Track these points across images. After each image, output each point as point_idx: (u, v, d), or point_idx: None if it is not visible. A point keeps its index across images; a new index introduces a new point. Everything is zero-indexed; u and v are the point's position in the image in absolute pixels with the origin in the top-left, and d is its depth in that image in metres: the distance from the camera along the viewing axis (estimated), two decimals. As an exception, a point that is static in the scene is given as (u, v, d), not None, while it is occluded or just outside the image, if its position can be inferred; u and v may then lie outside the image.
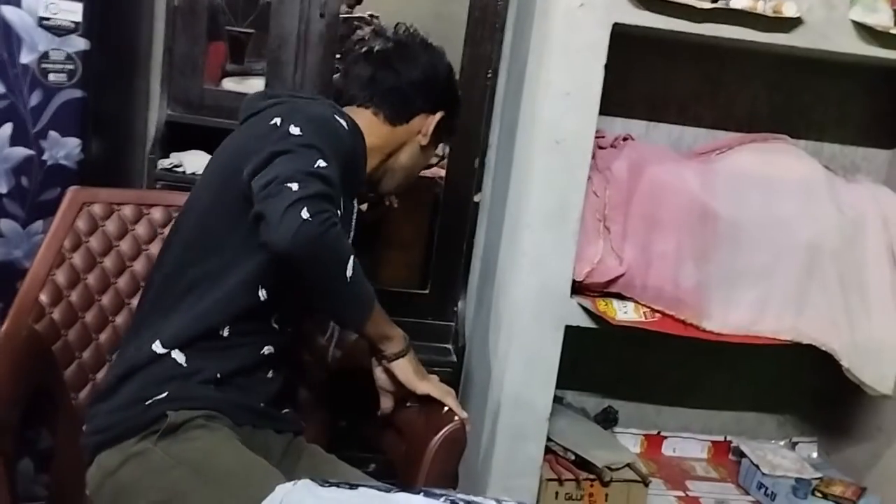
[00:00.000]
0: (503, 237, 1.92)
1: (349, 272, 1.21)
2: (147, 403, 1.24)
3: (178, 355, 1.27)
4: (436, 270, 2.09)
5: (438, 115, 1.52)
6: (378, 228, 2.29)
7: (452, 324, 2.09)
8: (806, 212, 1.83)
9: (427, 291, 2.10)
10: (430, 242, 2.12)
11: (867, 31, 1.71)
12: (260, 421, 1.35)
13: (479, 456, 1.90)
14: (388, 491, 1.02)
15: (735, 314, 1.82)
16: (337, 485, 1.04)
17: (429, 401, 1.39)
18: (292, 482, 1.03)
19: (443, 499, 1.00)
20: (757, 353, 1.91)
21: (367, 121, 1.46)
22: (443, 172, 2.12)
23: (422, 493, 1.01)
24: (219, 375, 1.29)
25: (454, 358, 2.05)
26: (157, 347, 1.27)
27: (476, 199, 2.07)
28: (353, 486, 1.04)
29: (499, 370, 1.86)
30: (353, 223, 1.44)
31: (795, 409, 2.32)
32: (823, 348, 1.82)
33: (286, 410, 1.43)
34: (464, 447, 1.33)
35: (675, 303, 1.80)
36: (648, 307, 1.81)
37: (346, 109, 1.45)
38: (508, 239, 1.87)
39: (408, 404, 1.37)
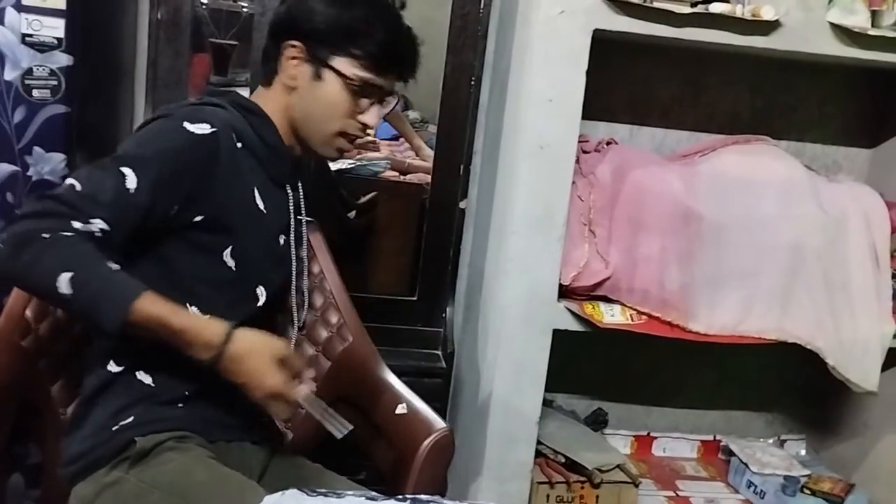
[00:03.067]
0: (489, 243, 1.93)
1: (63, 290, 1.09)
2: (114, 430, 1.24)
3: (143, 376, 1.27)
4: (423, 276, 2.10)
5: (293, 51, 1.34)
6: (366, 235, 2.31)
7: (441, 330, 2.10)
8: (789, 212, 1.85)
9: (415, 298, 2.10)
10: (418, 249, 2.13)
11: (845, 33, 1.73)
12: (233, 434, 1.35)
13: (470, 460, 1.91)
14: (374, 500, 1.03)
15: (720, 315, 1.84)
16: (325, 494, 1.05)
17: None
18: (280, 493, 1.04)
19: None
20: (744, 352, 1.92)
21: (263, 98, 1.38)
22: (428, 178, 2.13)
23: (409, 502, 1.02)
24: (186, 393, 1.28)
25: (443, 364, 2.05)
26: (112, 367, 1.27)
27: (462, 205, 2.08)
28: (339, 496, 1.05)
29: (488, 375, 1.87)
30: (294, 209, 1.42)
31: (783, 407, 2.34)
32: (809, 347, 1.84)
33: (264, 418, 1.40)
34: (452, 454, 1.34)
35: (660, 304, 1.82)
36: (635, 309, 1.82)
37: (260, 97, 1.39)
38: (495, 244, 1.88)
39: (396, 411, 1.37)
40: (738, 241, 1.83)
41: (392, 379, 1.46)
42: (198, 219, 1.25)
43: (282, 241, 1.41)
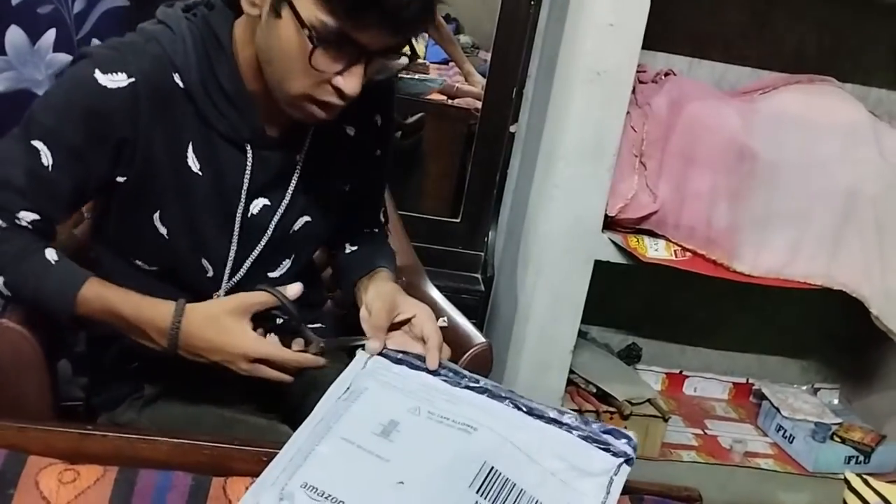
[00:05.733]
0: (537, 169, 1.91)
1: (5, 292, 1.04)
2: (126, 371, 1.21)
3: None
4: (468, 199, 2.09)
5: None
6: (412, 156, 2.30)
7: (482, 253, 2.10)
8: (847, 156, 1.80)
9: (458, 220, 2.10)
10: (463, 171, 2.12)
11: (924, -28, 1.66)
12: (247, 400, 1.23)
13: (502, 384, 1.92)
14: (455, 385, 1.02)
15: (767, 257, 1.81)
16: (410, 363, 1.05)
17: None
18: (363, 359, 1.04)
19: (507, 401, 1.01)
20: (784, 296, 1.90)
21: (240, 25, 1.07)
22: (477, 104, 2.10)
23: (487, 394, 1.02)
24: None
25: (482, 287, 2.06)
26: None
27: (512, 129, 2.05)
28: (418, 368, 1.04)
29: (525, 302, 1.87)
30: (251, 172, 1.12)
31: (819, 355, 2.32)
32: (854, 294, 1.81)
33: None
34: (490, 368, 1.35)
35: (706, 242, 1.79)
36: (679, 246, 1.81)
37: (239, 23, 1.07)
38: (542, 171, 1.86)
39: (437, 324, 1.31)
40: (791, 182, 1.80)
41: (435, 294, 1.46)
42: (120, 180, 1.07)
43: (253, 210, 1.14)
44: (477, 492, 0.86)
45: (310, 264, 1.30)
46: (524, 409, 0.98)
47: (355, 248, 1.30)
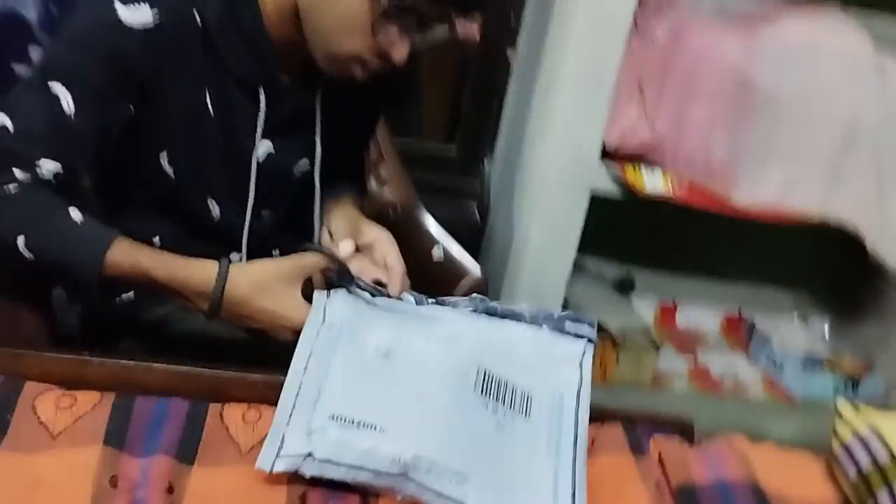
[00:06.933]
0: (534, 96, 1.88)
1: (25, 255, 0.95)
2: (116, 303, 1.19)
3: None
4: (463, 127, 2.06)
5: None
6: (406, 82, 2.26)
7: (477, 182, 2.08)
8: (848, 87, 1.77)
9: (453, 148, 2.07)
10: (458, 98, 2.08)
11: None
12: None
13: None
14: (492, 313, 1.03)
15: (765, 189, 1.80)
16: (371, 291, 1.04)
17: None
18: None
19: (474, 310, 1.02)
20: (779, 228, 1.90)
21: None
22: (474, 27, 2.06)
23: (453, 307, 1.03)
24: None
25: (477, 217, 2.05)
26: None
27: (509, 55, 2.01)
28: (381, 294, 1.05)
29: (521, 232, 1.87)
30: (265, 116, 1.10)
31: (811, 287, 2.33)
32: (850, 227, 1.81)
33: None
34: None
35: (705, 173, 1.78)
36: (677, 177, 1.79)
37: None
38: (540, 99, 1.84)
39: (433, 257, 1.34)
40: (791, 113, 1.77)
41: (432, 225, 1.46)
42: (133, 118, 1.04)
43: (254, 155, 1.13)
44: (482, 394, 0.91)
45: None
46: (493, 313, 1.02)
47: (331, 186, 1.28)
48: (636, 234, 2.20)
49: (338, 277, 1.01)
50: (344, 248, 1.05)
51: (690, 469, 0.89)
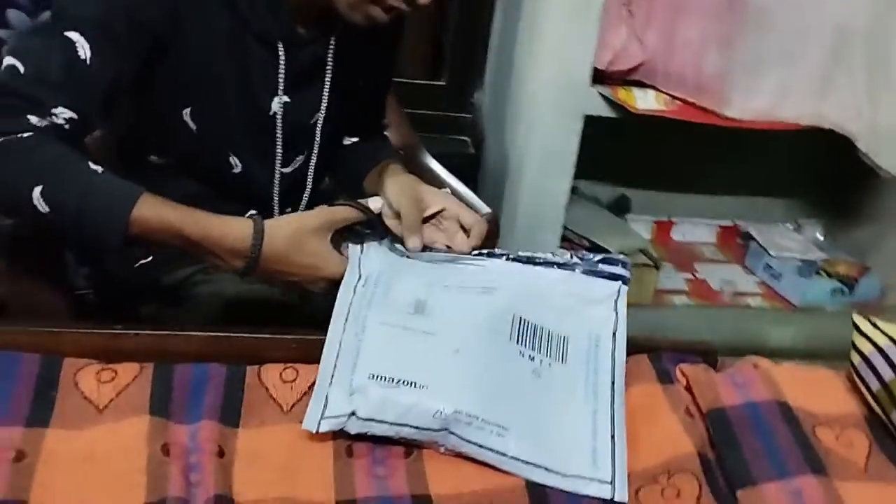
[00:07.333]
0: (521, 24, 1.86)
1: (41, 208, 0.88)
2: (135, 268, 1.18)
3: None
4: (452, 60, 2.04)
5: None
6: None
7: (470, 115, 2.07)
8: (838, -9, 1.77)
9: (443, 82, 2.06)
10: (445, 31, 2.05)
11: None
12: None
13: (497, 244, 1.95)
14: (525, 261, 1.03)
15: (757, 100, 1.81)
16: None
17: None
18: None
19: (505, 257, 1.03)
20: (771, 138, 1.91)
21: None
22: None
23: (487, 257, 1.03)
24: None
25: (472, 149, 2.05)
26: None
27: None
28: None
29: (517, 161, 1.87)
30: (284, 70, 1.10)
31: (803, 193, 2.36)
32: (842, 132, 1.83)
33: None
34: (496, 238, 1.36)
35: (696, 89, 1.79)
36: (669, 95, 1.80)
37: None
38: (527, 26, 1.82)
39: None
40: (781, 23, 1.77)
41: (435, 166, 1.46)
42: (152, 72, 1.02)
43: (272, 109, 1.12)
44: (517, 343, 0.92)
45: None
46: (525, 260, 1.02)
47: (356, 139, 1.29)
48: (629, 154, 2.20)
49: (370, 231, 1.02)
50: (374, 203, 1.04)
51: (718, 393, 0.92)
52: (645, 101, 1.80)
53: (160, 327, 0.92)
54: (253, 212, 1.00)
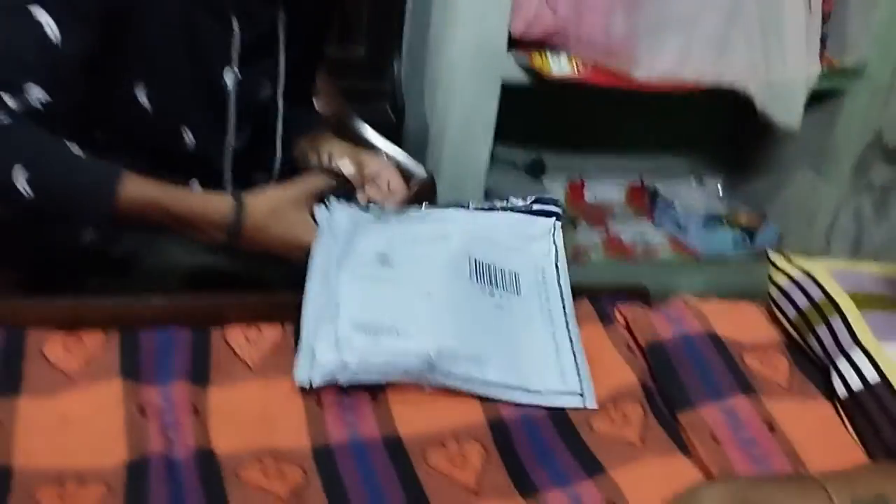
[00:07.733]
0: (436, -7, 1.89)
1: (24, 191, 0.88)
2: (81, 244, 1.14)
3: None
4: (369, 31, 2.05)
5: None
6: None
7: (388, 83, 2.09)
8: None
9: (362, 50, 2.07)
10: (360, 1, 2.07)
11: None
12: None
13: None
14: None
15: (662, 61, 1.89)
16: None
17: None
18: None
19: (452, 207, 1.11)
20: (673, 99, 2.01)
21: None
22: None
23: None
24: None
25: (393, 119, 2.08)
26: None
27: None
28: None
29: (438, 128, 1.92)
30: (239, 42, 1.11)
31: (704, 151, 2.49)
32: (741, 90, 1.94)
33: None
34: (435, 199, 1.41)
35: (605, 53, 1.86)
36: (581, 59, 1.87)
37: None
38: (442, -5, 1.86)
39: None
40: (682, -13, 1.86)
41: (370, 133, 1.49)
42: (108, 49, 1.00)
43: (225, 81, 1.12)
44: (476, 281, 1.00)
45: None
46: (469, 207, 1.12)
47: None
48: (542, 117, 2.28)
49: (345, 196, 1.08)
50: (346, 167, 1.10)
51: (655, 328, 1.00)
52: (559, 66, 1.86)
53: (122, 294, 0.94)
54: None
